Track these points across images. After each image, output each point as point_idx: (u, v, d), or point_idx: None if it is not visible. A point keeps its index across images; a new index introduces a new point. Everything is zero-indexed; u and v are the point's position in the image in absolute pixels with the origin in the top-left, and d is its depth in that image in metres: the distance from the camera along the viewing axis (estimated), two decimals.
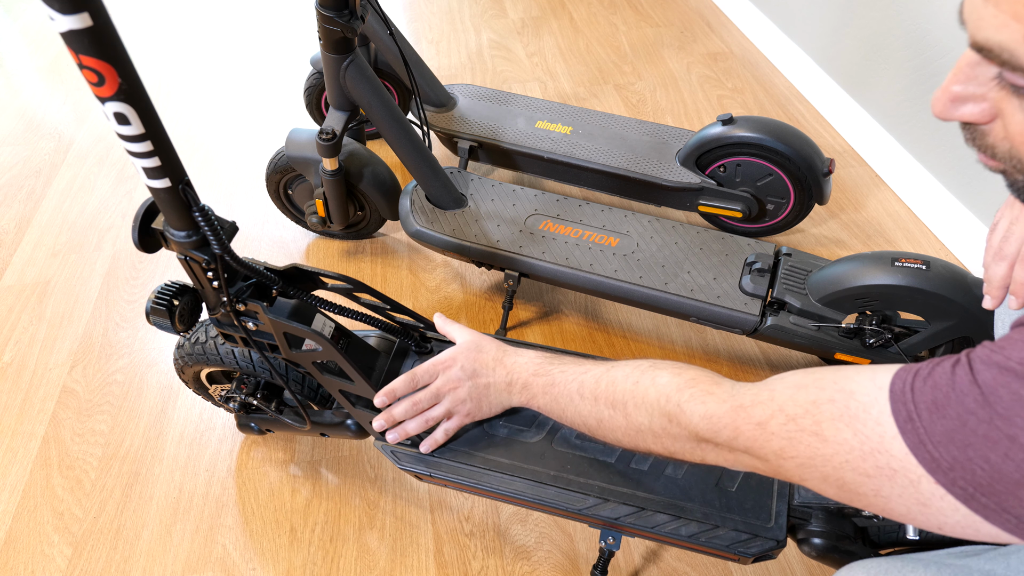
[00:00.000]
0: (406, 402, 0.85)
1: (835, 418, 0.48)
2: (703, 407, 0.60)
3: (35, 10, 2.43)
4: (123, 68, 0.52)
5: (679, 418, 0.62)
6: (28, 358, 1.32)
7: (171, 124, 1.88)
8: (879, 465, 0.46)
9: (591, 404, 0.71)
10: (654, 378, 0.66)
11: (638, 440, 0.68)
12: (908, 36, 1.51)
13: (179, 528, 1.08)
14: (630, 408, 0.67)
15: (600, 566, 0.94)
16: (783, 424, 0.52)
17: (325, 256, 1.51)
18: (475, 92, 1.58)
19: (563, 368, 0.77)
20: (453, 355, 0.84)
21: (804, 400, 0.51)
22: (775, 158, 1.30)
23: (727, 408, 0.57)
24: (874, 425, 0.46)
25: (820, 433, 0.49)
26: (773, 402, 0.54)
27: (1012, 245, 0.67)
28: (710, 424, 0.59)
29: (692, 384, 0.62)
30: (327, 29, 1.07)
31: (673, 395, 0.63)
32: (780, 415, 0.52)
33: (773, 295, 1.12)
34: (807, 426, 0.50)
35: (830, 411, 0.49)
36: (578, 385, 0.74)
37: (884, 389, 0.46)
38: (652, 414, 0.64)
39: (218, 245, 0.68)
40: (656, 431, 0.65)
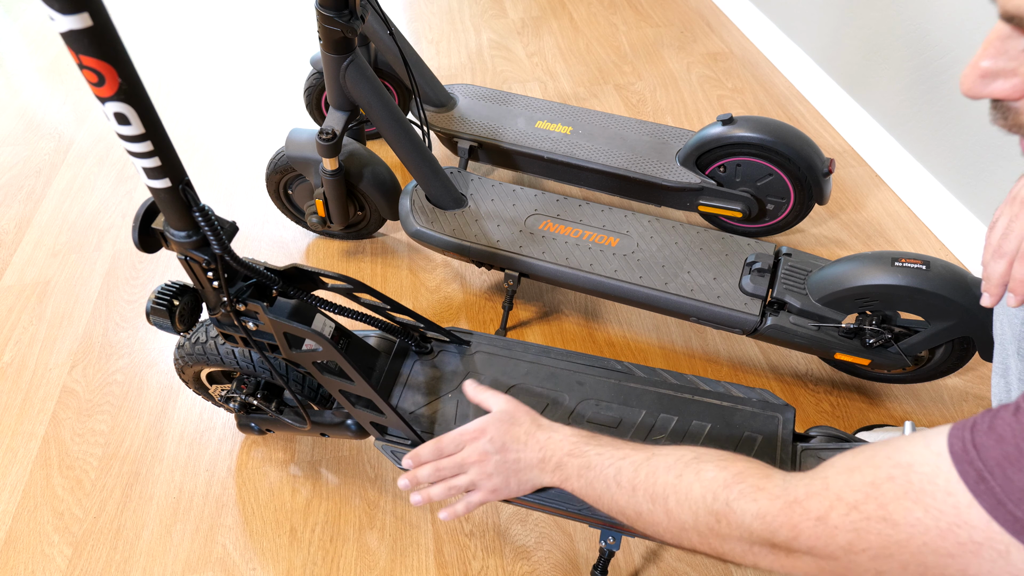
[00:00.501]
0: (430, 467, 0.81)
1: (899, 497, 0.44)
2: (755, 505, 0.54)
3: (35, 10, 2.43)
4: (123, 68, 0.52)
5: (728, 518, 0.56)
6: (28, 358, 1.32)
7: (171, 124, 1.88)
8: (960, 541, 0.41)
9: (629, 495, 0.65)
10: (699, 472, 0.60)
11: (682, 538, 0.61)
12: (908, 36, 1.50)
13: (179, 528, 1.08)
14: (671, 504, 0.61)
15: (600, 566, 0.94)
16: (845, 515, 0.47)
17: (325, 256, 1.51)
18: (475, 92, 1.58)
19: (600, 451, 0.71)
20: (483, 426, 0.78)
21: (860, 483, 0.46)
22: (775, 158, 1.30)
23: (781, 505, 0.52)
24: (944, 496, 0.41)
25: (888, 518, 0.44)
26: (829, 492, 0.49)
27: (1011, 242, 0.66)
28: (764, 524, 0.53)
29: (740, 480, 0.56)
30: (327, 29, 1.07)
31: (721, 492, 0.57)
32: (840, 505, 0.47)
33: (773, 295, 1.12)
34: (872, 512, 0.45)
35: (892, 490, 0.44)
36: (615, 471, 0.67)
37: (943, 454, 0.42)
38: (697, 512, 0.58)
39: (218, 245, 0.68)
40: (702, 530, 0.59)
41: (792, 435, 0.89)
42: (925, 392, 1.22)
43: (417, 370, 0.99)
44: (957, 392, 1.22)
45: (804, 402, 1.22)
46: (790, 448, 0.87)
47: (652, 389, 0.95)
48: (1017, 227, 0.66)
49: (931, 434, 0.45)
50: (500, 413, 0.79)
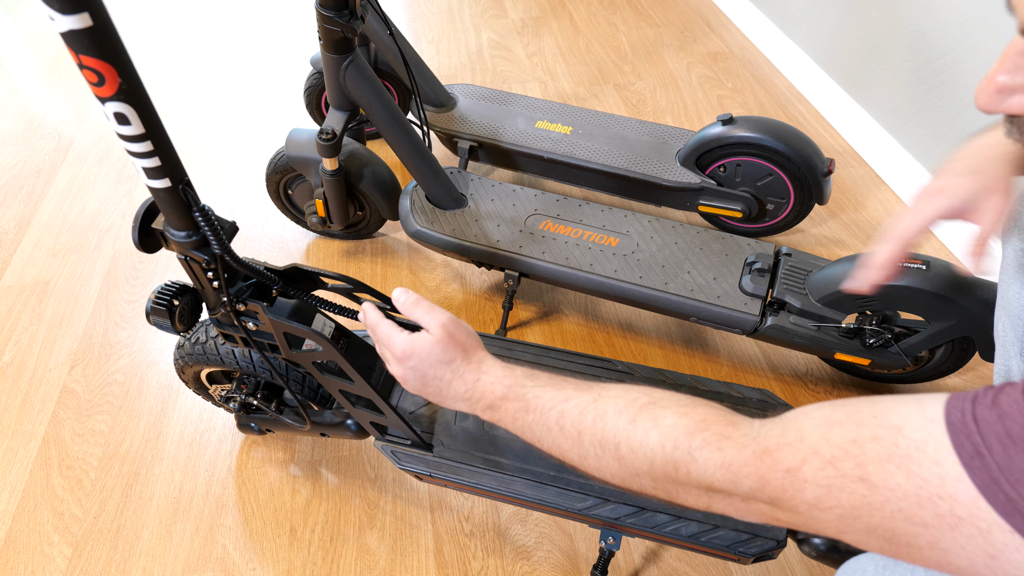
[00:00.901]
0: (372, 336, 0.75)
1: (882, 459, 0.42)
2: (719, 455, 0.51)
3: (35, 10, 2.43)
4: (123, 68, 0.52)
5: (689, 467, 0.53)
6: (28, 358, 1.32)
7: (171, 124, 1.88)
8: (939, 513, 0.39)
9: (573, 439, 0.61)
10: (656, 418, 0.56)
11: (631, 483, 0.58)
12: (908, 36, 1.51)
13: (179, 528, 1.08)
14: (624, 451, 0.57)
15: (600, 566, 0.94)
16: (819, 469, 0.44)
17: (325, 256, 1.51)
18: (475, 92, 1.58)
19: (539, 392, 0.65)
20: (409, 348, 0.70)
21: (841, 439, 0.44)
22: (775, 158, 1.30)
23: (748, 455, 0.49)
24: (931, 465, 0.40)
25: (866, 478, 0.42)
26: (803, 444, 0.46)
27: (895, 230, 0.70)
28: (729, 474, 0.50)
29: (703, 427, 0.53)
30: (327, 29, 1.07)
31: (682, 440, 0.53)
32: (814, 459, 0.45)
33: (773, 295, 1.12)
34: (849, 470, 0.43)
35: (875, 451, 0.42)
36: (557, 415, 0.62)
37: (937, 422, 0.41)
38: (653, 460, 0.55)
39: (218, 245, 0.68)
40: (657, 476, 0.56)
41: None
42: (925, 392, 1.22)
43: None
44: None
45: (804, 402, 1.22)
46: None
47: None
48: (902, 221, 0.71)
49: (925, 400, 0.43)
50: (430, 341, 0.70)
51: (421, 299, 0.72)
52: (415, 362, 0.70)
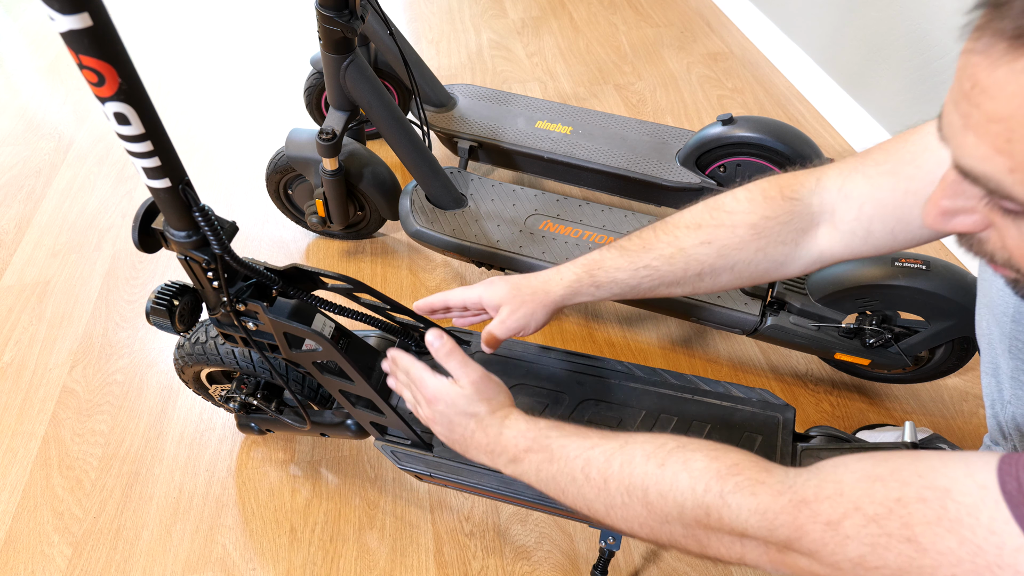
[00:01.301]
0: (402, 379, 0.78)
1: (931, 522, 0.41)
2: (754, 500, 0.50)
3: (35, 10, 2.43)
4: (123, 68, 0.52)
5: (721, 511, 0.52)
6: (28, 358, 1.32)
7: (171, 124, 1.88)
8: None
9: (599, 488, 0.59)
10: (686, 462, 0.55)
11: (660, 532, 0.57)
12: (908, 36, 1.50)
13: (179, 528, 1.08)
14: (652, 496, 0.56)
15: (600, 566, 0.94)
16: (862, 526, 0.43)
17: (325, 256, 1.51)
18: (475, 92, 1.58)
19: (564, 442, 0.64)
20: (437, 393, 0.71)
21: (884, 497, 0.43)
22: (775, 158, 1.30)
23: (785, 502, 0.48)
24: (987, 534, 0.38)
25: (914, 539, 0.41)
26: (844, 498, 0.45)
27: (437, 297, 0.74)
28: (764, 520, 0.49)
29: (736, 471, 0.52)
30: (327, 29, 1.07)
31: (714, 484, 0.52)
32: (856, 515, 0.44)
33: (773, 295, 1.12)
34: (895, 530, 0.42)
35: (923, 513, 0.41)
36: (583, 463, 0.61)
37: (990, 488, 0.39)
38: (684, 504, 0.54)
39: (218, 245, 0.68)
40: (688, 523, 0.54)
41: (792, 435, 0.89)
42: (925, 392, 1.22)
43: None
44: (957, 392, 1.22)
45: (804, 402, 1.22)
46: (790, 448, 0.87)
47: (652, 389, 0.95)
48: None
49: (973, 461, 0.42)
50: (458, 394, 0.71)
51: (456, 349, 0.73)
52: (443, 407, 0.71)
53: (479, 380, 0.71)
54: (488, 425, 0.69)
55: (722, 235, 0.72)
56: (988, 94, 0.35)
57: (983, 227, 0.42)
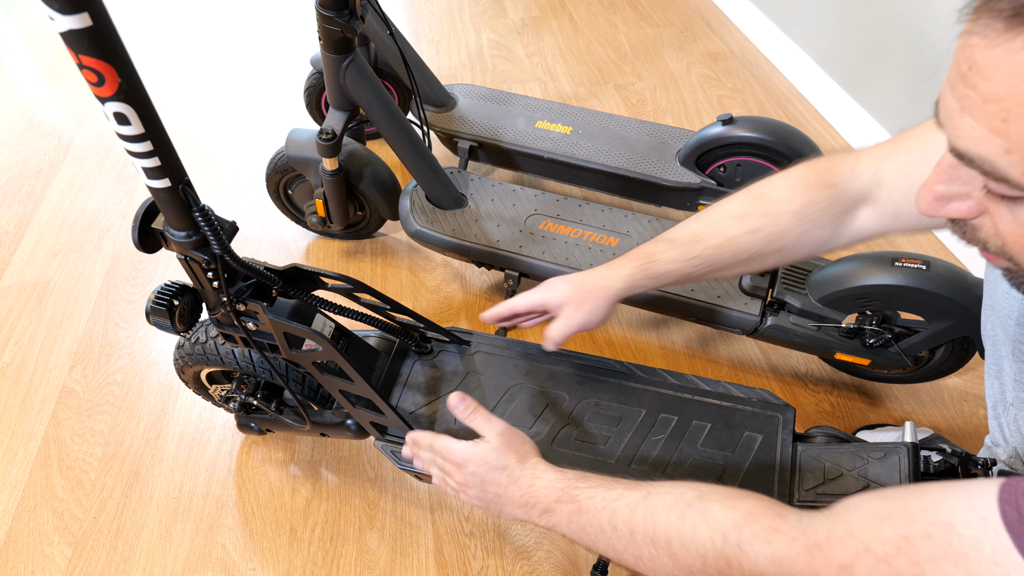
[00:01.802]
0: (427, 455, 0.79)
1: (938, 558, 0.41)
2: (770, 548, 0.51)
3: (35, 10, 2.43)
4: (123, 68, 0.52)
5: (740, 561, 0.53)
6: (28, 358, 1.32)
7: (171, 124, 1.88)
8: None
9: (627, 539, 0.61)
10: (704, 512, 0.57)
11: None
12: (908, 36, 1.50)
13: (179, 528, 1.08)
14: (676, 547, 0.57)
15: (600, 566, 0.94)
16: (873, 567, 0.44)
17: (325, 256, 1.51)
18: (475, 92, 1.58)
19: (591, 493, 0.66)
20: (466, 457, 0.73)
21: (892, 536, 0.44)
22: (775, 158, 1.30)
23: (799, 549, 0.50)
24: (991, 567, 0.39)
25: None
26: (854, 539, 0.46)
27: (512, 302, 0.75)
28: (780, 568, 0.51)
29: (752, 520, 0.54)
30: (327, 29, 1.07)
31: (731, 535, 0.54)
32: (867, 555, 0.45)
33: (773, 295, 1.12)
34: (904, 569, 0.43)
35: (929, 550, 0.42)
36: (609, 515, 0.63)
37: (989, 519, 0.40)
38: (705, 556, 0.55)
39: (218, 245, 0.68)
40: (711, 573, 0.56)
41: (792, 435, 0.89)
42: (925, 392, 1.22)
43: (417, 370, 0.99)
44: (957, 392, 1.22)
45: (804, 402, 1.22)
46: (790, 448, 0.87)
47: (652, 389, 0.95)
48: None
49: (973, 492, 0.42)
50: (486, 449, 0.73)
51: (479, 408, 0.76)
52: (474, 467, 0.73)
53: (504, 432, 0.73)
54: (519, 477, 0.71)
55: (767, 223, 0.76)
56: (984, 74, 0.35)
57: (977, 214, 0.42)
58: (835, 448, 0.85)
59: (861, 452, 0.82)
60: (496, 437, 0.73)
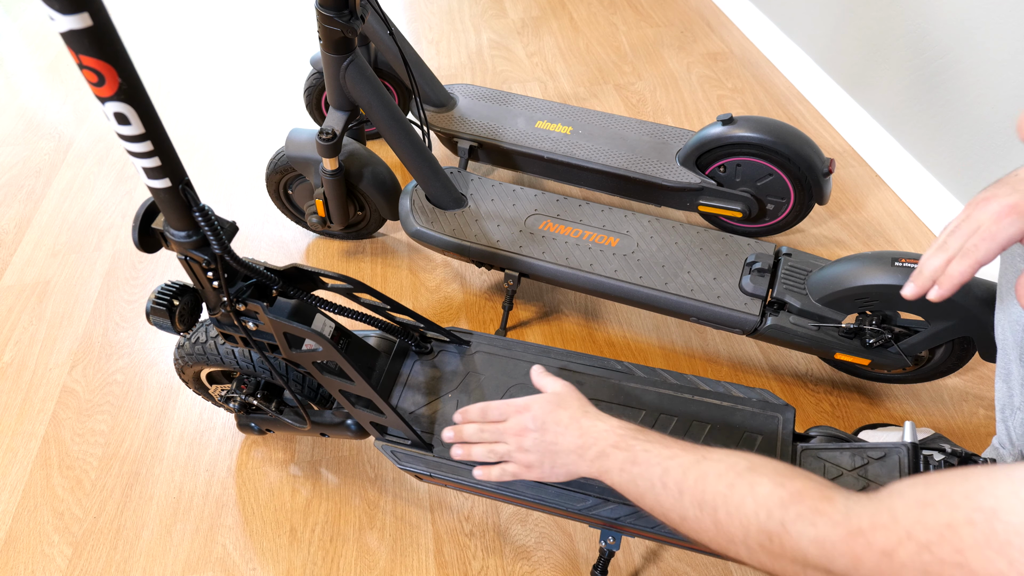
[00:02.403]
0: (475, 426, 0.80)
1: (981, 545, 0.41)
2: (813, 530, 0.51)
3: (35, 10, 2.43)
4: (123, 68, 0.52)
5: (783, 539, 0.53)
6: (28, 358, 1.32)
7: (171, 124, 1.88)
8: None
9: (675, 498, 0.62)
10: (752, 485, 0.57)
11: (728, 549, 0.59)
12: (908, 36, 1.50)
13: (179, 528, 1.08)
14: (721, 515, 0.58)
15: (600, 566, 0.94)
16: (915, 554, 0.44)
17: (325, 256, 1.51)
18: (475, 92, 1.58)
19: (648, 447, 0.67)
20: (528, 401, 0.77)
21: (935, 522, 0.44)
22: (775, 158, 1.30)
23: (842, 533, 0.50)
24: None
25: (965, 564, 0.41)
26: (897, 525, 0.46)
27: (956, 241, 0.66)
28: (823, 551, 0.51)
29: (798, 500, 0.54)
30: (327, 29, 1.07)
31: (776, 511, 0.54)
32: (909, 543, 0.45)
33: (773, 295, 1.12)
34: (947, 556, 0.42)
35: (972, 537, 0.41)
36: (662, 471, 0.64)
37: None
38: (748, 528, 0.56)
39: (218, 245, 0.68)
40: (752, 546, 0.56)
41: (792, 435, 0.89)
42: (925, 392, 1.22)
43: (417, 370, 0.99)
44: (957, 392, 1.22)
45: (804, 402, 1.22)
46: (790, 448, 0.87)
47: (652, 389, 0.95)
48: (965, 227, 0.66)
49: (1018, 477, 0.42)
50: (550, 394, 0.77)
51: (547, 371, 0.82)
52: (537, 409, 0.75)
53: (570, 384, 0.78)
54: (580, 418, 0.73)
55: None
56: None
57: None
58: (835, 448, 0.85)
59: (861, 452, 0.82)
60: (561, 386, 0.77)
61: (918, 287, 0.68)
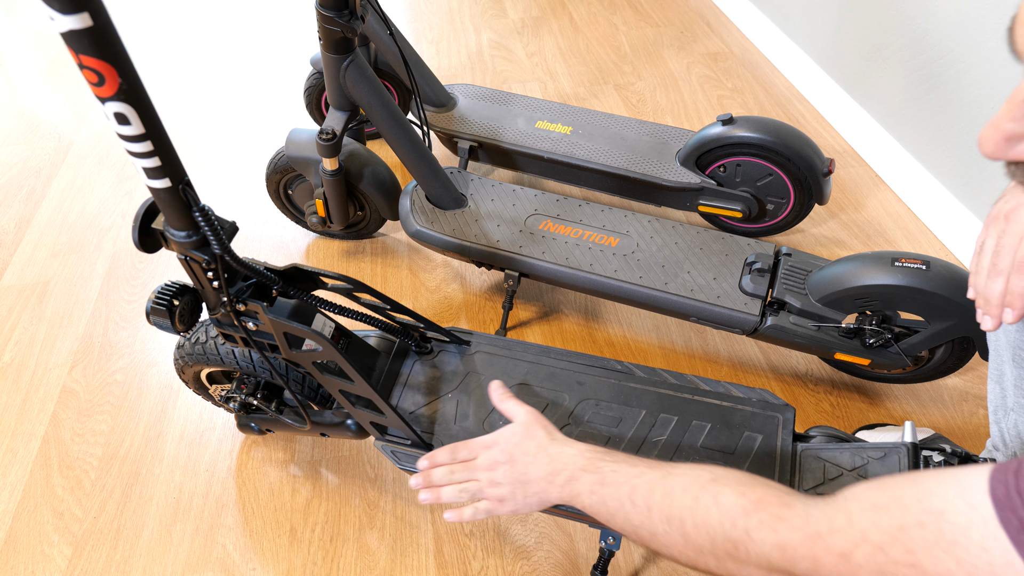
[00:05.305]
0: (444, 469, 0.81)
1: (930, 546, 0.43)
2: (775, 536, 0.54)
3: (35, 10, 2.43)
4: (123, 68, 0.52)
5: (747, 546, 0.56)
6: (28, 358, 1.32)
7: (171, 124, 1.88)
8: None
9: (644, 514, 0.64)
10: (716, 496, 0.59)
11: (697, 561, 0.61)
12: (908, 36, 1.51)
13: (179, 528, 1.08)
14: (688, 527, 0.60)
15: (600, 566, 0.94)
16: (870, 555, 0.46)
17: (325, 256, 1.51)
18: (475, 92, 1.58)
19: (615, 467, 0.69)
20: (496, 436, 0.79)
21: (888, 525, 0.46)
22: (775, 158, 1.30)
23: (802, 537, 0.52)
24: (979, 552, 0.41)
25: (917, 564, 0.43)
26: (853, 529, 0.48)
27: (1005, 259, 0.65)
28: (784, 555, 0.53)
29: (760, 507, 0.56)
30: (327, 29, 1.07)
31: (739, 520, 0.56)
32: (864, 544, 0.47)
33: (773, 295, 1.12)
34: (899, 556, 0.44)
35: (922, 537, 0.43)
36: (630, 490, 0.66)
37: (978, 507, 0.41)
38: (715, 538, 0.58)
39: (218, 245, 0.68)
40: (719, 555, 0.58)
41: (792, 435, 0.89)
42: (925, 392, 1.22)
43: (417, 370, 0.99)
44: (957, 392, 1.22)
45: (804, 402, 1.22)
46: (790, 448, 0.87)
47: (652, 389, 0.95)
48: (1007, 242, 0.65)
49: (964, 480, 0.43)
50: (516, 425, 0.79)
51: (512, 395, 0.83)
52: (504, 443, 0.77)
53: (533, 411, 0.79)
54: (547, 446, 0.75)
55: None
56: None
57: None
58: (835, 448, 0.85)
59: (861, 452, 0.82)
60: (526, 415, 0.78)
61: (994, 316, 0.66)
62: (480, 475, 0.78)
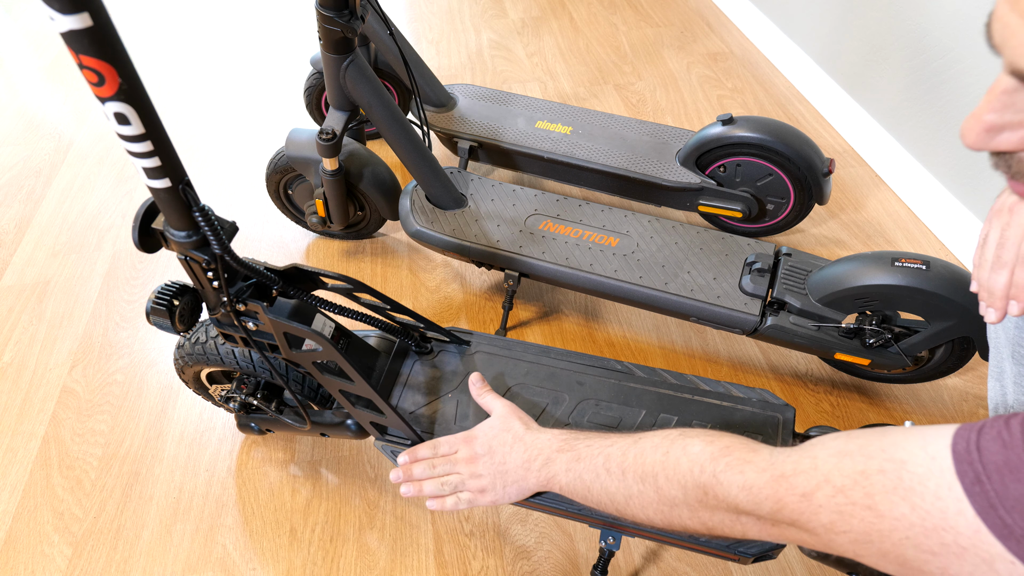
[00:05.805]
0: (424, 463, 0.83)
1: (888, 491, 0.45)
2: (741, 477, 0.56)
3: (35, 10, 2.43)
4: (123, 68, 0.52)
5: (715, 490, 0.57)
6: (28, 358, 1.32)
7: (171, 124, 1.88)
8: (944, 542, 0.42)
9: (619, 479, 0.66)
10: (685, 447, 0.62)
11: (672, 516, 0.63)
12: (908, 36, 1.51)
13: (179, 528, 1.08)
14: (661, 481, 0.62)
15: (600, 566, 0.94)
16: (831, 496, 0.48)
17: (325, 256, 1.51)
18: (475, 92, 1.58)
19: (589, 443, 0.72)
20: (475, 431, 0.82)
21: (851, 470, 0.48)
22: (775, 158, 1.30)
23: (767, 478, 0.54)
24: (933, 500, 0.42)
25: (874, 507, 0.45)
26: (817, 471, 0.50)
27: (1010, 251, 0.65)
28: (750, 495, 0.55)
29: (727, 452, 0.58)
30: (327, 29, 1.07)
31: (708, 465, 0.58)
32: (826, 486, 0.49)
33: (773, 295, 1.12)
34: (858, 499, 0.46)
35: (882, 483, 0.45)
36: (604, 459, 0.68)
37: (938, 459, 0.43)
38: (686, 486, 0.60)
39: (218, 245, 0.68)
40: (691, 503, 0.60)
41: (792, 435, 0.89)
42: (925, 392, 1.22)
43: (417, 370, 0.99)
44: (957, 392, 1.22)
45: (804, 402, 1.22)
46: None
47: (652, 389, 0.95)
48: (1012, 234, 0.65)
49: (929, 435, 0.45)
50: (493, 419, 0.82)
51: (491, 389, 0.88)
52: (482, 437, 0.81)
53: (509, 405, 0.83)
54: (523, 435, 0.78)
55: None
56: None
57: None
58: None
59: None
60: (502, 408, 0.82)
61: (998, 309, 0.66)
62: (461, 468, 0.81)
